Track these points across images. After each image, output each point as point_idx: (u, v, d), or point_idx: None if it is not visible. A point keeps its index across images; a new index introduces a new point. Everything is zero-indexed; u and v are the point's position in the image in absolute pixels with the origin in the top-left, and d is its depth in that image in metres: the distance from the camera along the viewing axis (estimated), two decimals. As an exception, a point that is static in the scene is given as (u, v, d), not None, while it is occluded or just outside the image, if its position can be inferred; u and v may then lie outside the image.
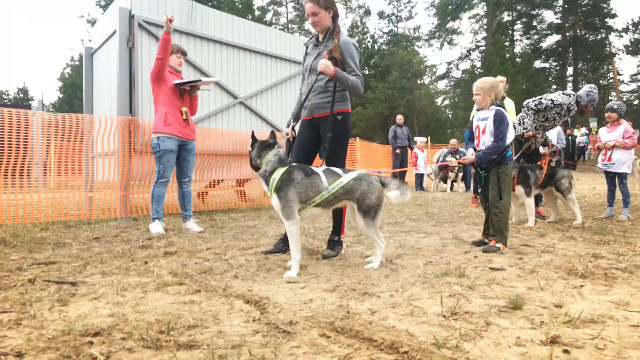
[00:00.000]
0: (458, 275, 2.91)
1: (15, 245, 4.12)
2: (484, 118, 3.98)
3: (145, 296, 2.53)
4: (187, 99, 5.13)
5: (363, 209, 3.14)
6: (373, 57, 43.23)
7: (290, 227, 3.09)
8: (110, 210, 6.11)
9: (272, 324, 2.06)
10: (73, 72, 46.41)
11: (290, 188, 3.09)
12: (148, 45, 6.61)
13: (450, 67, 47.20)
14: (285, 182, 3.10)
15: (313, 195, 3.13)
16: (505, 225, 3.87)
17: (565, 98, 5.61)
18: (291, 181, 3.11)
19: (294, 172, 3.15)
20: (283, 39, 8.89)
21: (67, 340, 1.87)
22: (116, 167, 6.05)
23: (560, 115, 5.69)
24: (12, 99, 52.71)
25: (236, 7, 36.18)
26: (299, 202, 3.13)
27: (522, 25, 44.51)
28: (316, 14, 3.65)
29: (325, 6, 3.65)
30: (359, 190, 3.14)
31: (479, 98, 4.01)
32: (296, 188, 3.11)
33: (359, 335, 1.92)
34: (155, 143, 4.94)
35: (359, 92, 3.68)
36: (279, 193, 3.08)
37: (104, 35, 7.37)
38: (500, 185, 3.88)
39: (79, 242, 4.31)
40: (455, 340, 1.83)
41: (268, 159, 3.21)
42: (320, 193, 3.14)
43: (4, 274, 3.03)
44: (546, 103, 5.66)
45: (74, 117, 5.88)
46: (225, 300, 2.47)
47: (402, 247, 3.98)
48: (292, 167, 3.18)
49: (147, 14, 6.60)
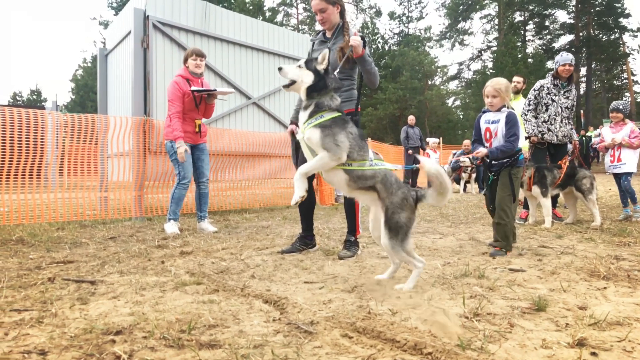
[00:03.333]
0: (478, 277, 2.87)
1: (33, 245, 4.15)
2: (495, 121, 3.81)
3: (164, 295, 2.53)
4: (202, 105, 5.13)
5: (390, 226, 2.59)
6: (384, 57, 43.12)
7: (326, 156, 2.64)
8: (125, 210, 6.15)
9: (293, 324, 2.04)
10: (85, 73, 46.90)
11: (341, 131, 2.69)
12: (162, 45, 6.65)
13: (461, 68, 46.97)
14: (337, 124, 2.71)
15: (357, 157, 2.70)
16: (511, 230, 3.74)
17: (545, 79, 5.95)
18: (344, 127, 2.72)
19: (349, 123, 2.79)
20: (296, 39, 8.89)
21: (90, 338, 1.87)
22: (131, 167, 6.08)
23: (552, 93, 5.75)
24: (26, 100, 53.40)
25: (247, 8, 36.32)
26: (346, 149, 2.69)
27: (534, 25, 44.14)
28: (324, 10, 3.59)
29: (333, 1, 3.60)
30: (390, 200, 2.64)
31: (497, 100, 3.78)
32: (348, 136, 2.71)
33: (381, 336, 1.90)
34: (169, 146, 4.98)
35: (376, 83, 3.64)
36: (324, 129, 2.67)
37: (119, 36, 7.43)
38: (512, 187, 3.76)
39: (95, 242, 4.33)
40: (480, 342, 1.80)
41: (335, 97, 2.85)
42: (363, 159, 2.71)
43: (24, 272, 3.05)
44: (534, 93, 5.90)
45: (90, 117, 5.92)
46: (244, 300, 2.46)
47: (419, 248, 3.95)
48: (345, 117, 2.83)
49: (161, 14, 6.63)
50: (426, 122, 38.30)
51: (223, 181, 7.35)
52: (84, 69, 48.75)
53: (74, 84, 50.04)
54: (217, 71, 7.34)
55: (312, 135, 2.67)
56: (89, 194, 6.27)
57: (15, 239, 4.38)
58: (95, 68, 43.37)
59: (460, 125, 43.22)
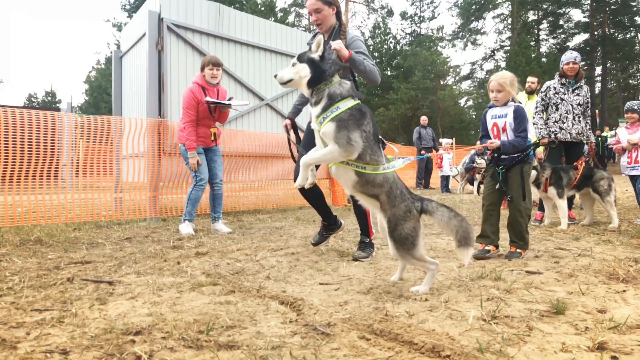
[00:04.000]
0: (494, 279, 2.86)
1: (51, 245, 4.21)
2: (502, 115, 3.68)
3: (180, 296, 2.55)
4: (217, 112, 5.17)
5: (395, 237, 2.53)
6: (395, 57, 42.97)
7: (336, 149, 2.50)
8: (139, 211, 6.20)
9: (310, 325, 2.05)
10: (99, 74, 47.43)
11: (357, 129, 2.51)
12: (177, 48, 6.70)
13: (474, 68, 46.60)
14: (354, 118, 2.52)
15: (370, 160, 2.56)
16: (526, 229, 3.65)
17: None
18: (360, 124, 2.53)
19: (365, 118, 2.58)
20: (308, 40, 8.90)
21: (110, 338, 1.90)
22: (146, 168, 6.13)
23: (560, 92, 5.71)
24: (41, 101, 54.17)
25: (259, 9, 36.44)
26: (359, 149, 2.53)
27: (548, 24, 43.65)
28: (319, 11, 3.47)
29: (329, 2, 3.47)
30: (392, 212, 2.56)
31: (502, 95, 3.65)
32: (363, 134, 2.53)
33: (399, 338, 1.89)
34: (183, 150, 5.07)
35: (376, 80, 3.45)
36: (339, 123, 2.50)
37: (133, 38, 7.50)
38: (524, 185, 3.67)
39: (111, 242, 4.38)
40: (499, 345, 1.79)
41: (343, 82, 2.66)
42: (377, 163, 2.58)
43: (43, 272, 3.09)
44: (541, 95, 5.86)
45: (105, 119, 5.99)
46: (260, 301, 2.48)
47: (434, 250, 3.94)
48: (364, 107, 2.64)
49: (175, 17, 6.69)
50: (439, 123, 38.11)
51: (236, 182, 7.39)
52: (97, 70, 49.32)
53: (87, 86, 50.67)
54: (230, 72, 7.38)
55: (328, 129, 2.52)
56: (104, 195, 6.35)
57: (34, 239, 4.44)
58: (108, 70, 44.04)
59: (473, 125, 42.88)
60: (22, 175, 5.18)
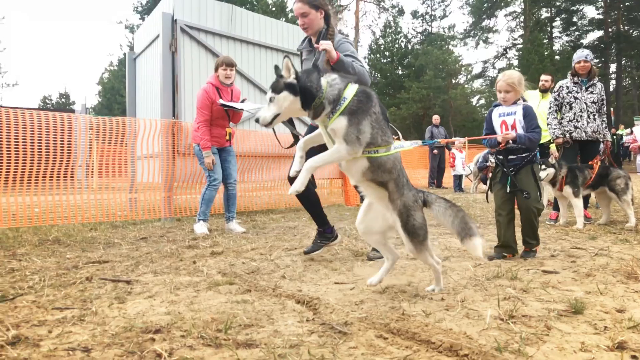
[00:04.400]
0: (510, 278, 2.84)
1: (69, 245, 4.27)
2: (511, 112, 3.60)
3: (198, 295, 2.57)
4: (230, 112, 5.21)
5: (410, 230, 2.42)
6: (407, 56, 42.85)
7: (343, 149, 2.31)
8: (153, 211, 6.26)
9: (327, 324, 2.06)
10: (112, 76, 47.91)
11: (366, 116, 2.32)
12: (190, 49, 6.75)
13: (486, 66, 46.25)
14: (363, 105, 2.32)
15: (381, 143, 2.38)
16: (537, 227, 3.59)
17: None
18: (369, 109, 2.34)
19: (372, 100, 2.38)
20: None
21: (130, 336, 1.92)
22: (160, 168, 6.19)
23: (573, 91, 5.67)
24: (55, 103, 54.89)
25: (269, 9, 36.55)
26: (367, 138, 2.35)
27: (561, 21, 43.16)
28: (306, 15, 3.38)
29: (316, 6, 3.38)
30: (402, 201, 2.44)
31: (511, 95, 3.57)
32: (372, 119, 2.35)
33: (416, 337, 1.90)
34: (197, 150, 5.12)
35: (366, 82, 3.28)
36: (350, 117, 2.29)
37: (147, 40, 7.57)
38: (538, 185, 3.60)
39: (127, 242, 4.43)
40: (517, 344, 1.79)
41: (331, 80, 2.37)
42: (388, 144, 2.42)
43: (62, 271, 3.14)
44: (554, 95, 5.83)
45: (120, 120, 6.06)
46: (277, 300, 2.49)
47: (448, 249, 3.93)
48: (366, 88, 2.43)
49: (188, 18, 6.74)
50: (450, 122, 37.89)
51: (249, 182, 7.43)
52: (110, 72, 49.84)
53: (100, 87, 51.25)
54: (243, 73, 7.42)
55: (338, 124, 2.30)
56: (119, 196, 6.42)
57: (52, 239, 4.51)
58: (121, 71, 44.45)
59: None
60: (40, 176, 5.26)
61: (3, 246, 4.14)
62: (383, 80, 42.77)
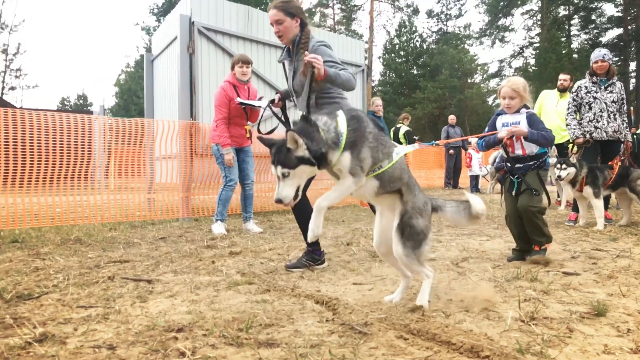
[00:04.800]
0: (530, 280, 2.82)
1: (90, 244, 4.34)
2: (515, 122, 3.46)
3: (218, 295, 2.61)
4: (248, 109, 5.24)
5: (405, 232, 2.31)
6: (422, 56, 42.63)
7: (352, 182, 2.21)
8: (171, 211, 6.33)
9: (347, 324, 2.07)
10: (129, 77, 48.47)
11: (364, 143, 2.23)
12: (207, 50, 6.81)
13: (502, 65, 45.70)
14: (359, 132, 2.22)
15: (382, 158, 2.30)
16: (544, 223, 3.45)
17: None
18: (365, 134, 2.25)
19: (363, 121, 2.28)
20: (336, 40, 8.93)
21: (153, 335, 1.96)
22: (178, 169, 6.26)
23: (592, 91, 5.59)
24: (73, 104, 55.78)
25: (285, 10, 36.62)
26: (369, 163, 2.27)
27: (579, 19, 42.45)
28: (281, 22, 3.23)
29: (292, 14, 3.24)
30: (412, 201, 2.37)
31: (515, 102, 3.45)
32: (369, 141, 2.25)
33: (436, 338, 1.90)
34: (215, 149, 5.15)
35: (352, 87, 3.20)
36: (352, 150, 2.18)
37: (165, 42, 7.66)
38: (544, 186, 3.44)
39: (146, 242, 4.49)
40: (539, 346, 1.78)
41: (323, 124, 2.20)
42: (389, 156, 2.33)
43: (85, 270, 3.20)
44: (572, 96, 5.76)
45: (140, 122, 6.14)
46: (296, 300, 2.51)
47: (466, 250, 3.91)
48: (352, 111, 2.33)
49: (206, 20, 6.80)
50: (467, 121, 37.58)
51: (266, 182, 7.46)
52: (127, 73, 50.45)
53: (117, 89, 51.90)
54: (259, 74, 7.46)
55: (343, 162, 2.19)
56: (137, 196, 6.51)
57: (74, 239, 4.59)
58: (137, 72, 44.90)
59: (502, 124, 42.12)
60: (62, 177, 5.36)
61: (27, 245, 4.23)
62: (398, 80, 42.60)
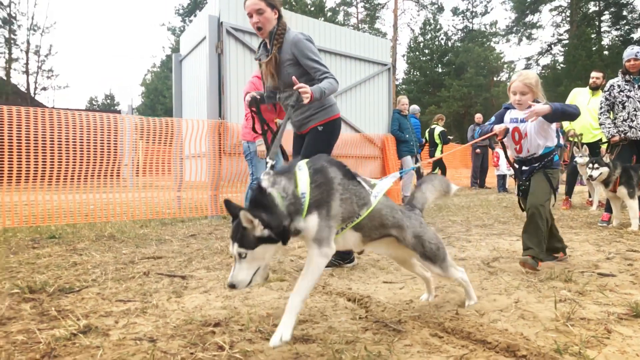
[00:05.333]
0: (564, 280, 2.78)
1: (123, 240, 4.45)
2: (524, 119, 3.19)
3: (251, 291, 2.65)
4: (278, 107, 5.29)
5: (429, 256, 2.14)
6: (447, 54, 42.19)
7: (320, 259, 1.86)
8: (200, 209, 6.42)
9: (381, 322, 2.08)
10: (155, 77, 49.29)
11: (333, 195, 1.91)
12: (235, 51, 6.89)
13: (529, 63, 44.84)
14: (324, 187, 1.89)
15: (358, 209, 1.99)
16: (544, 235, 3.15)
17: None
18: (330, 184, 1.92)
19: (327, 170, 1.94)
20: (361, 39, 8.92)
21: (191, 329, 2.01)
22: (207, 168, 6.35)
23: (625, 90, 5.45)
24: (101, 104, 57.08)
25: (308, 9, 36.76)
26: (341, 219, 1.95)
27: (610, 15, 41.35)
28: (262, 12, 3.09)
29: (272, 5, 3.12)
30: (412, 232, 2.13)
31: (527, 97, 3.16)
32: (339, 193, 1.93)
33: (471, 336, 1.90)
34: (245, 146, 5.22)
35: (336, 90, 3.17)
36: (319, 210, 1.86)
37: (193, 42, 7.76)
38: (551, 185, 3.19)
39: (178, 239, 4.57)
40: (577, 347, 1.76)
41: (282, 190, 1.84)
42: (367, 203, 2.02)
43: (121, 266, 3.29)
44: (605, 95, 5.64)
45: (170, 121, 6.26)
46: (328, 297, 2.54)
47: (497, 250, 3.87)
48: (316, 162, 1.97)
49: (234, 20, 6.87)
50: (492, 120, 37.00)
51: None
52: (153, 73, 51.33)
53: (144, 88, 52.86)
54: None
55: (309, 226, 1.85)
56: (167, 194, 6.64)
57: (107, 235, 4.71)
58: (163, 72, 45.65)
59: (529, 122, 41.36)
60: (95, 175, 5.51)
61: (64, 241, 4.36)
62: (422, 78, 42.26)
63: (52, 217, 5.24)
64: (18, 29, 32.64)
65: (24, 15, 33.58)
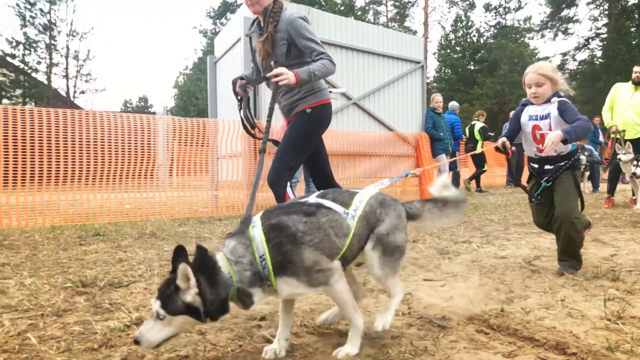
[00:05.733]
0: (612, 279, 2.71)
1: (164, 238, 4.57)
2: (545, 115, 2.91)
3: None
4: None
5: (385, 248, 1.80)
6: (479, 51, 41.46)
7: (337, 287, 1.70)
8: (236, 208, 6.53)
9: (425, 318, 2.09)
10: (187, 79, 50.23)
11: (302, 249, 1.64)
12: (269, 51, 6.97)
13: (565, 59, 43.60)
14: (289, 247, 1.63)
15: (340, 242, 1.72)
16: (581, 245, 2.95)
17: None
18: (294, 236, 1.64)
19: (285, 222, 1.67)
20: (393, 37, 8.88)
21: (238, 322, 2.06)
22: (243, 167, 6.46)
23: None
24: (135, 107, 58.59)
25: (338, 9, 36.78)
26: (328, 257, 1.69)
27: (651, 7, 39.97)
28: None
29: None
30: (387, 223, 1.83)
31: (543, 90, 2.90)
32: (308, 241, 1.65)
33: (518, 333, 1.88)
34: None
35: (332, 72, 3.05)
36: (290, 273, 1.63)
37: (228, 44, 7.91)
38: (580, 193, 2.97)
39: (216, 237, 4.66)
40: (629, 345, 1.73)
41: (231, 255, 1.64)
42: (346, 233, 1.74)
43: (164, 262, 3.38)
44: None
45: (207, 122, 6.39)
46: (369, 294, 2.55)
47: (538, 249, 3.80)
48: (270, 216, 1.71)
49: (268, 22, 6.96)
50: (527, 118, 36.19)
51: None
52: (186, 75, 52.32)
53: (177, 90, 53.94)
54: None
55: (285, 292, 1.67)
56: (203, 193, 6.77)
57: (149, 233, 4.84)
58: (196, 75, 46.42)
59: (565, 119, 40.26)
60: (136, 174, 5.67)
61: (108, 238, 4.50)
62: (454, 76, 41.66)
63: (96, 216, 5.43)
64: (58, 35, 33.75)
65: (63, 21, 34.61)
